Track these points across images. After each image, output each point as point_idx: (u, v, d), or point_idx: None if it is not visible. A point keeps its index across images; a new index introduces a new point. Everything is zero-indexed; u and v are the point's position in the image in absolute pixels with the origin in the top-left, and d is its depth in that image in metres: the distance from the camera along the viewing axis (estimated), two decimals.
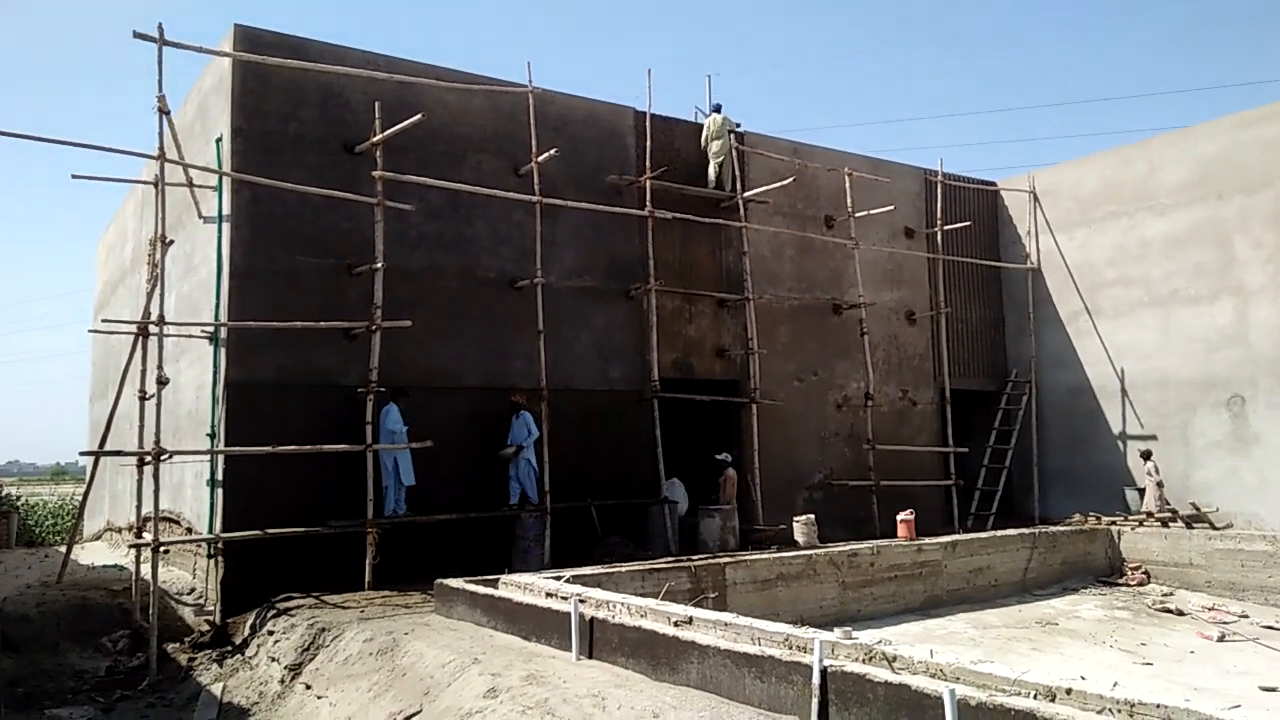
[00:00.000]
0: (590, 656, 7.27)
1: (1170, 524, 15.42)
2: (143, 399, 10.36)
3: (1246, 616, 12.75)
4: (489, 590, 9.06)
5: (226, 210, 11.66)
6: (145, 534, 10.26)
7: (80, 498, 14.83)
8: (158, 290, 11.19)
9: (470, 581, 9.40)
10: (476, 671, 6.82)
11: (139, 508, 10.40)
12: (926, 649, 5.66)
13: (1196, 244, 16.75)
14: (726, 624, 6.72)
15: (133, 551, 10.59)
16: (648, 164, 14.65)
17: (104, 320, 16.32)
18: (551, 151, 13.15)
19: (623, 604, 7.67)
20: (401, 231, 12.31)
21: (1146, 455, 16.67)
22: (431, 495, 11.97)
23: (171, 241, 11.71)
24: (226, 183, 11.63)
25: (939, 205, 18.62)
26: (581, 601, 7.60)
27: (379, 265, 11.53)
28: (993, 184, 20.31)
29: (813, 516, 13.93)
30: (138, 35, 10.40)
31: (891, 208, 17.58)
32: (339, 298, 11.82)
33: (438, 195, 12.63)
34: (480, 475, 12.70)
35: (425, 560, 11.23)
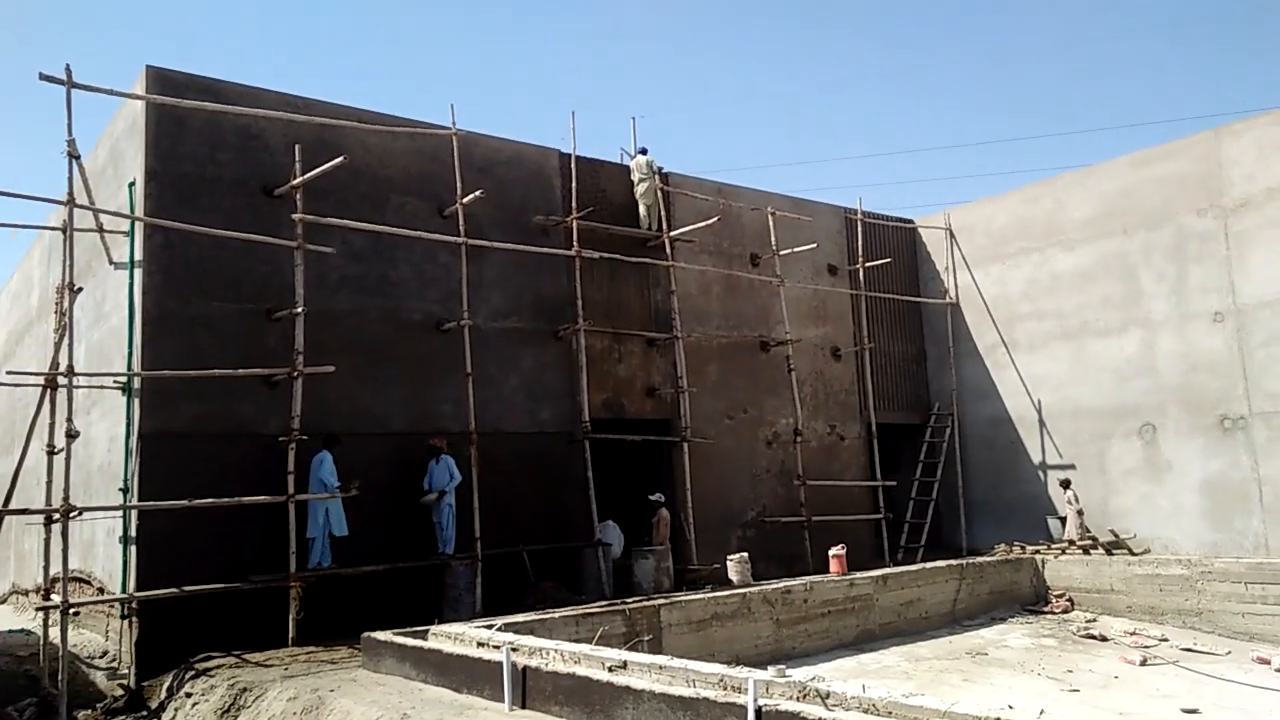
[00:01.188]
0: (524, 706, 7.12)
1: (1091, 551, 15.82)
2: (51, 453, 9.92)
3: (1166, 640, 13.11)
4: (418, 642, 8.84)
5: (139, 256, 11.32)
6: (54, 595, 9.81)
7: None
8: (66, 340, 10.77)
9: (399, 634, 9.16)
10: None
11: (46, 568, 9.91)
12: (859, 684, 5.67)
13: (1104, 277, 17.38)
14: (661, 667, 6.65)
15: (40, 614, 10.09)
16: (574, 204, 14.70)
17: (9, 372, 15.64)
18: (477, 193, 13.10)
19: (556, 651, 7.55)
20: (323, 275, 12.10)
21: (1066, 484, 17.12)
22: (358, 545, 11.66)
23: (80, 289, 11.33)
24: (139, 227, 11.31)
25: (860, 243, 19.05)
26: (514, 650, 7.45)
27: (300, 310, 11.29)
28: (911, 221, 20.87)
29: (746, 555, 13.95)
30: (44, 77, 10.09)
31: (814, 246, 17.92)
32: (258, 344, 11.53)
33: (360, 238, 12.46)
34: (408, 523, 12.43)
35: (352, 613, 10.91)
